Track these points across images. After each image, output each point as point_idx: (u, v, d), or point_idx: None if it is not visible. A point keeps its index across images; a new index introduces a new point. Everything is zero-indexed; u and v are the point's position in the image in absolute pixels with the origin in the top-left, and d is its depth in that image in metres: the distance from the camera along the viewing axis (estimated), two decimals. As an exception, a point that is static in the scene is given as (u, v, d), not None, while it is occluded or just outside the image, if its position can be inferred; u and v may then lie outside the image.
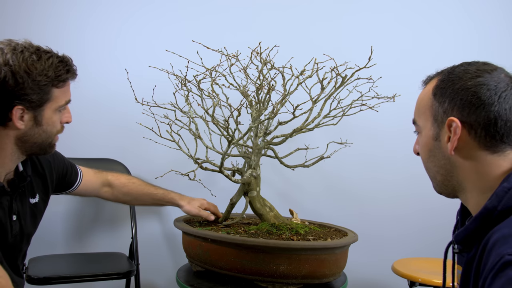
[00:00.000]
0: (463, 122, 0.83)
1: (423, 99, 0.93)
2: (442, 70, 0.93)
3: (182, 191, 1.94)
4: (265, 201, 1.71)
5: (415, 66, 2.24)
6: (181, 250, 2.26)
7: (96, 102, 2.15)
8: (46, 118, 1.17)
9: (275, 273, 1.44)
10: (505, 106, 0.81)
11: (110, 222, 2.22)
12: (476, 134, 0.83)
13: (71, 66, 1.19)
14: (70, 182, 1.52)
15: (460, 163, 0.86)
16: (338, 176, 2.25)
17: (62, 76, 1.15)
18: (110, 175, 1.66)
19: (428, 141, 0.91)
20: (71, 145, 2.12)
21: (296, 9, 2.24)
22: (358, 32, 2.24)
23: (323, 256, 1.47)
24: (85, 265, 1.92)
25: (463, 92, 0.84)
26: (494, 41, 2.26)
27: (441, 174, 0.90)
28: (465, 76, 0.85)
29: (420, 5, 2.26)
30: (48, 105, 1.16)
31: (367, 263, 2.21)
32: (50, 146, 1.24)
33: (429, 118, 0.90)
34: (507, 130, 0.82)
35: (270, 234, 1.55)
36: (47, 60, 1.12)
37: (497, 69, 0.87)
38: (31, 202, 1.31)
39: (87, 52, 2.14)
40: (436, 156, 0.89)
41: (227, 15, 2.21)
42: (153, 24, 2.18)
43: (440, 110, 0.87)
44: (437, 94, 0.88)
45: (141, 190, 1.67)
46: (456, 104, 0.84)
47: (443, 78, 0.89)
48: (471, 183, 0.86)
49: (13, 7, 2.07)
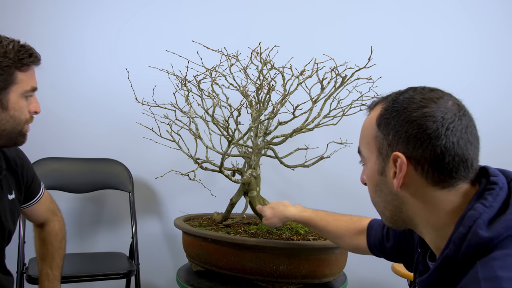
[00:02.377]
0: (409, 157, 0.76)
1: (367, 127, 0.85)
2: (387, 95, 0.85)
3: (183, 191, 1.95)
4: (265, 201, 1.71)
5: (416, 67, 2.24)
6: (181, 250, 2.26)
7: (96, 102, 2.15)
8: (12, 102, 1.14)
9: (275, 273, 1.44)
10: (452, 139, 0.74)
11: (110, 222, 2.22)
12: (423, 170, 0.76)
13: (33, 51, 1.17)
14: (32, 193, 1.40)
15: (408, 199, 0.79)
16: (338, 176, 2.25)
17: (25, 60, 1.14)
18: (56, 219, 1.50)
19: (374, 175, 0.83)
20: (71, 145, 2.13)
21: (297, 11, 2.24)
22: (359, 33, 2.24)
23: (323, 256, 1.47)
24: (85, 265, 1.92)
25: (408, 125, 0.76)
26: (494, 41, 2.27)
27: (389, 210, 0.83)
28: (410, 107, 0.77)
29: (420, 6, 2.26)
30: (13, 88, 1.14)
31: (367, 263, 2.21)
32: (20, 134, 1.20)
33: (374, 150, 0.82)
34: (455, 165, 0.75)
35: (270, 234, 1.55)
36: (8, 44, 1.12)
37: (444, 97, 0.78)
38: (9, 198, 1.28)
39: (87, 52, 2.14)
40: (382, 191, 0.82)
41: (227, 16, 2.22)
42: (153, 25, 2.18)
43: (384, 143, 0.80)
44: (381, 125, 0.80)
45: (43, 258, 1.47)
46: (401, 138, 0.77)
47: (387, 106, 0.81)
48: (422, 219, 0.80)
49: (13, 8, 2.07)
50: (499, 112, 2.27)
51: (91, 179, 2.07)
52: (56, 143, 2.11)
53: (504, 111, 2.29)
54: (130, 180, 2.09)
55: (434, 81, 2.48)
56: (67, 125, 2.14)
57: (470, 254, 0.70)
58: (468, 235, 0.71)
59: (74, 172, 2.06)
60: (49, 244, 1.46)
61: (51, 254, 1.46)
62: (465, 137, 0.75)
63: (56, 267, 1.45)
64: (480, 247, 0.70)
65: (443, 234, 0.77)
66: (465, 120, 0.77)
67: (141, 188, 2.20)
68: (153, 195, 2.24)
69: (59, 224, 1.49)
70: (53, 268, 1.45)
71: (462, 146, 0.75)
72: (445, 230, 0.77)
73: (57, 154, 2.06)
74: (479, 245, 0.70)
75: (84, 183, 2.06)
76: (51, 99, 2.06)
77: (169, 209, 2.25)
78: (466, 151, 0.75)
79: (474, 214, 0.71)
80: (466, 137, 0.76)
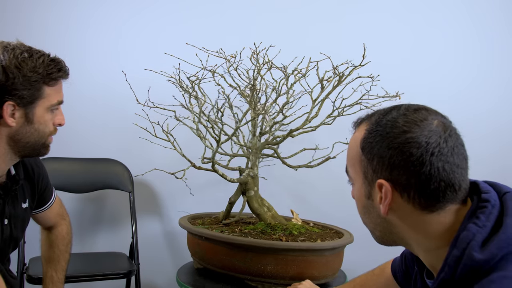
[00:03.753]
0: (394, 184, 0.75)
1: (353, 148, 0.83)
2: (371, 114, 0.82)
3: (183, 191, 1.94)
4: (264, 200, 1.71)
5: (416, 67, 2.24)
6: (181, 250, 2.26)
7: (97, 102, 2.15)
8: (38, 116, 1.15)
9: (263, 273, 1.45)
10: (437, 164, 0.72)
11: (110, 222, 2.22)
12: (409, 196, 0.74)
13: (62, 65, 1.19)
14: (44, 199, 1.41)
15: (397, 223, 0.78)
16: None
17: (54, 74, 1.15)
18: (64, 223, 1.51)
19: (361, 198, 0.82)
20: (71, 145, 2.12)
21: (295, 11, 2.24)
22: (358, 33, 2.24)
23: (311, 257, 1.46)
24: (85, 264, 1.92)
25: (391, 152, 0.74)
26: (494, 41, 2.26)
27: (379, 230, 0.82)
28: (392, 132, 0.75)
29: (420, 5, 2.26)
30: (40, 103, 1.15)
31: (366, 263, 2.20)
32: (43, 146, 1.22)
33: (359, 173, 0.81)
34: (442, 190, 0.73)
35: (263, 234, 1.56)
36: (38, 58, 1.12)
37: (428, 118, 0.75)
38: (22, 207, 1.29)
39: (87, 52, 2.14)
40: (371, 213, 0.82)
41: (226, 16, 2.21)
42: (154, 25, 2.18)
43: (369, 168, 0.78)
44: (365, 149, 0.78)
45: (49, 261, 1.47)
46: (384, 164, 0.75)
47: (370, 129, 0.78)
48: (413, 241, 0.79)
49: (13, 8, 2.07)
50: (499, 112, 2.27)
51: (91, 179, 2.07)
52: (56, 143, 2.09)
53: (504, 111, 2.29)
54: (130, 180, 2.09)
55: (434, 81, 2.49)
56: (67, 125, 2.09)
57: (466, 277, 0.69)
58: (463, 258, 0.69)
59: (74, 172, 2.06)
60: (56, 247, 1.47)
61: (57, 257, 1.47)
62: (451, 160, 0.73)
63: (61, 270, 1.47)
64: (476, 269, 0.69)
65: (437, 255, 0.76)
66: (451, 141, 0.74)
67: (141, 188, 2.20)
68: (153, 195, 2.24)
69: (67, 228, 1.51)
70: (58, 271, 1.46)
71: (448, 171, 0.73)
72: (439, 252, 0.75)
73: (57, 154, 2.05)
74: (475, 268, 0.69)
75: (84, 183, 2.06)
76: (51, 99, 2.06)
77: (169, 209, 2.25)
78: (453, 175, 0.73)
79: (468, 235, 0.70)
80: (452, 160, 0.73)
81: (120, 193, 2.14)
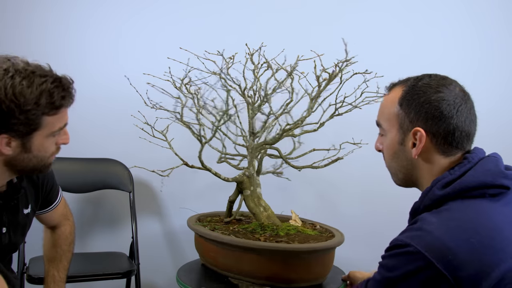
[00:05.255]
0: (426, 132, 0.97)
1: (387, 106, 1.04)
2: (406, 80, 1.03)
3: (183, 190, 1.94)
4: (261, 200, 1.70)
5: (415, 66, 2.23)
6: (181, 250, 2.26)
7: (97, 102, 2.15)
8: (36, 145, 1.07)
9: (242, 271, 1.47)
10: (461, 118, 0.96)
11: (110, 222, 2.22)
12: (436, 142, 0.97)
13: (67, 91, 1.06)
14: (49, 201, 1.40)
15: (420, 165, 1.00)
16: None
17: (56, 104, 1.03)
18: (68, 223, 1.50)
19: (393, 145, 1.03)
20: (71, 145, 2.11)
21: (295, 11, 2.24)
22: (357, 33, 2.24)
23: (288, 259, 1.44)
24: (85, 264, 1.92)
25: (427, 106, 0.96)
26: (494, 39, 2.26)
27: (403, 172, 1.04)
28: (428, 91, 0.97)
29: (419, 4, 2.26)
30: (38, 133, 1.05)
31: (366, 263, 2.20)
32: (44, 167, 1.15)
33: (395, 124, 1.02)
34: (461, 139, 0.97)
35: (252, 233, 1.56)
36: (40, 86, 1.00)
37: (453, 84, 1.00)
38: (24, 213, 1.26)
39: (87, 52, 2.14)
40: (399, 157, 1.03)
41: (225, 16, 2.22)
42: (153, 25, 2.18)
43: (406, 119, 0.99)
44: (403, 105, 1.00)
45: (51, 260, 1.47)
46: (421, 116, 0.97)
47: (408, 90, 1.00)
48: (425, 180, 1.00)
49: (13, 8, 2.07)
50: (499, 112, 2.27)
51: (91, 179, 2.07)
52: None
53: (505, 111, 2.29)
54: (130, 180, 2.09)
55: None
56: (68, 125, 2.13)
57: (427, 207, 0.94)
58: (429, 192, 0.95)
59: (74, 172, 2.06)
60: (59, 247, 1.46)
61: (60, 256, 1.46)
62: (470, 117, 0.97)
63: (63, 269, 1.46)
64: (435, 202, 0.93)
65: None
66: (469, 103, 0.99)
67: (141, 188, 2.20)
68: (153, 195, 2.24)
69: (70, 228, 1.50)
70: (60, 270, 1.45)
71: (468, 124, 0.97)
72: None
73: (57, 154, 2.05)
74: (434, 201, 0.93)
75: (84, 183, 2.06)
76: (51, 99, 2.06)
77: (169, 210, 2.25)
78: (470, 127, 0.97)
79: (439, 178, 0.96)
80: (470, 117, 0.97)
81: (120, 193, 2.14)
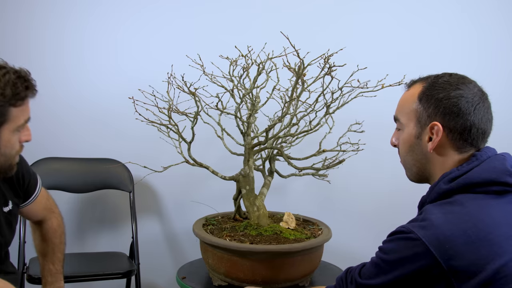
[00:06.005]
0: (444, 126, 0.99)
1: (407, 101, 1.06)
2: (426, 77, 1.06)
3: (183, 191, 1.94)
4: (256, 200, 1.69)
5: (414, 66, 2.23)
6: (181, 250, 2.26)
7: (96, 102, 2.15)
8: (4, 140, 1.04)
9: (219, 270, 1.53)
10: (478, 116, 0.98)
11: (110, 222, 2.22)
12: (453, 137, 0.99)
13: (30, 81, 1.05)
14: (28, 193, 1.36)
15: (434, 159, 1.03)
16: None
17: (21, 94, 1.02)
18: (54, 216, 1.47)
19: (410, 139, 1.05)
20: (71, 145, 2.13)
21: (295, 10, 2.24)
22: (357, 32, 2.24)
23: (235, 258, 1.47)
24: (85, 264, 1.92)
25: (446, 101, 0.99)
26: (493, 38, 2.26)
27: (417, 166, 1.06)
28: (448, 87, 1.00)
29: (418, 3, 2.25)
30: (6, 127, 1.03)
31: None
32: (10, 168, 1.12)
33: (413, 119, 1.04)
34: (477, 136, 0.99)
35: (243, 236, 1.56)
36: (3, 77, 0.99)
37: (472, 83, 1.02)
38: (4, 211, 1.24)
39: (87, 53, 2.14)
40: (415, 151, 1.05)
41: (223, 16, 2.22)
42: (153, 24, 2.18)
43: (424, 114, 1.02)
44: (423, 100, 1.02)
45: (44, 254, 1.46)
46: (439, 111, 1.00)
47: (428, 86, 1.03)
48: (437, 175, 1.03)
49: (12, 8, 2.07)
50: (499, 112, 2.25)
51: (91, 179, 2.07)
52: (56, 143, 2.11)
53: (504, 110, 2.28)
54: (130, 180, 2.09)
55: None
56: (67, 125, 2.14)
57: (433, 200, 0.98)
58: (436, 186, 0.99)
59: (74, 172, 2.06)
60: (49, 241, 1.44)
61: (52, 250, 1.44)
62: (486, 116, 1.01)
63: (58, 261, 1.44)
64: (440, 196, 0.97)
65: None
66: (486, 102, 1.02)
67: (141, 188, 2.20)
68: (153, 195, 2.24)
69: (57, 221, 1.47)
70: (55, 262, 1.44)
71: (484, 122, 1.00)
72: None
73: (57, 154, 2.06)
74: (439, 194, 0.97)
75: (84, 183, 2.06)
76: (51, 99, 2.07)
77: (169, 210, 2.25)
78: (486, 126, 1.01)
79: (447, 173, 0.99)
80: (487, 116, 1.01)
81: (120, 193, 2.14)
